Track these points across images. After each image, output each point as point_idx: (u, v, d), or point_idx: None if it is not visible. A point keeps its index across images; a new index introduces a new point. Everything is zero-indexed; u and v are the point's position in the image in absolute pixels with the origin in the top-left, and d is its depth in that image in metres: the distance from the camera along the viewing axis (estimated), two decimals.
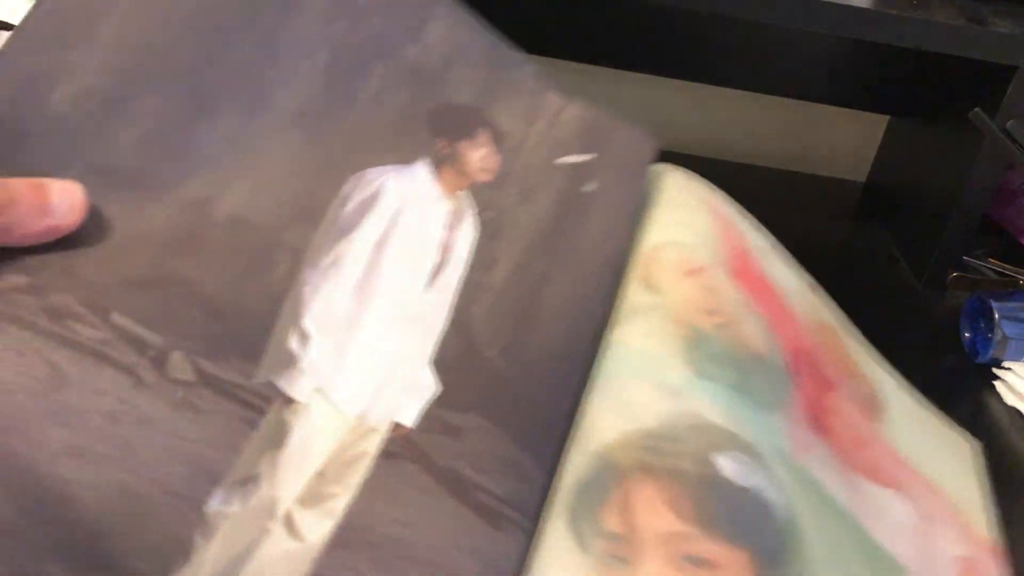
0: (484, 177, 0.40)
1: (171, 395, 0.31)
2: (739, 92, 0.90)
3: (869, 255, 0.83)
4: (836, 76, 0.87)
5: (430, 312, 0.37)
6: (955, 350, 0.70)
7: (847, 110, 0.91)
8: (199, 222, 0.34)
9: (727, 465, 0.35)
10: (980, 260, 0.78)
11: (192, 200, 0.34)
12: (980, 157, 0.68)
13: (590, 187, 0.42)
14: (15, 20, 0.84)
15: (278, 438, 0.32)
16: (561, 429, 0.36)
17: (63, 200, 0.31)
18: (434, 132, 0.40)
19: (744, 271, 0.44)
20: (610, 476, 0.34)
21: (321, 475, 0.32)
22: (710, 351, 0.39)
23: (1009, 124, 0.60)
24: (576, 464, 0.35)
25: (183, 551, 0.29)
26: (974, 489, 0.48)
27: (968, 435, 0.53)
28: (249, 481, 0.31)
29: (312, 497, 0.32)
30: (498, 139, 0.41)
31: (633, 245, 0.42)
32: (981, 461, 0.52)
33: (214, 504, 0.30)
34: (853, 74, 0.87)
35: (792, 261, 0.49)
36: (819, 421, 0.41)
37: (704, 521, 0.34)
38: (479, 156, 0.41)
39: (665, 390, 0.37)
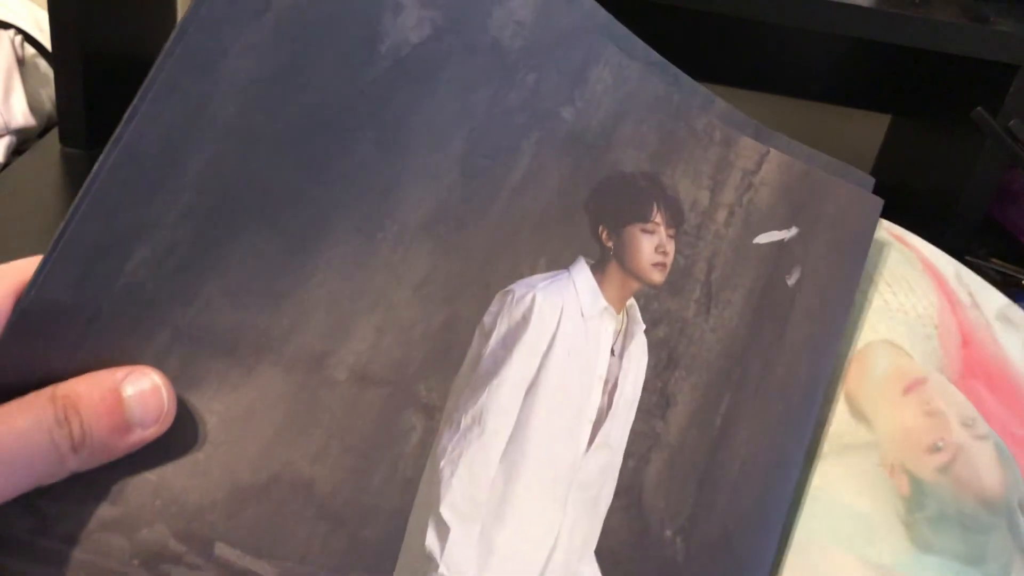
0: (656, 278, 0.32)
1: None
2: (741, 91, 0.87)
3: None
4: (838, 75, 0.87)
5: (594, 480, 0.30)
6: None
7: (849, 109, 0.90)
8: (314, 388, 0.27)
9: None
10: (982, 260, 0.76)
11: (305, 358, 0.27)
12: (982, 156, 0.67)
13: (793, 277, 0.33)
14: (15, 20, 0.74)
15: None
16: None
17: (144, 410, 0.25)
18: (594, 218, 0.31)
19: (973, 363, 0.35)
20: None
21: None
22: (932, 511, 0.31)
23: (1011, 123, 0.59)
24: None
25: None
26: None
27: None
28: None
29: None
30: (676, 219, 0.32)
31: (847, 344, 0.34)
32: None
33: None
34: (855, 73, 0.87)
35: (1020, 315, 0.39)
36: None
37: None
38: (652, 247, 0.32)
39: (879, 571, 0.30)
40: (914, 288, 0.35)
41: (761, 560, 0.30)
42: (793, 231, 0.33)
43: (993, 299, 0.38)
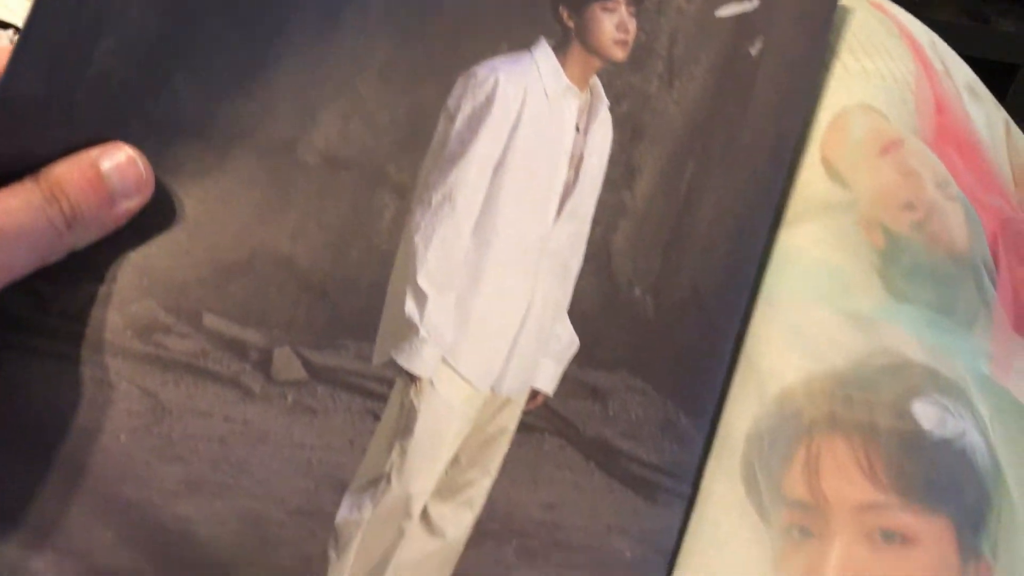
0: (619, 55, 0.32)
1: (282, 401, 0.28)
2: None
3: None
4: None
5: (563, 249, 0.31)
6: None
7: None
8: (287, 171, 0.29)
9: (927, 414, 0.30)
10: None
11: (276, 143, 0.29)
12: None
13: (756, 47, 0.33)
14: (15, 20, 0.75)
15: (405, 426, 0.29)
16: (722, 376, 0.31)
17: (124, 181, 0.27)
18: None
19: (946, 129, 0.35)
20: (793, 430, 0.30)
21: (456, 462, 0.29)
22: (907, 263, 0.32)
23: None
24: (751, 412, 0.30)
25: (317, 571, 0.27)
26: None
27: None
28: (379, 480, 0.28)
29: (449, 488, 0.29)
30: None
31: (812, 109, 0.34)
32: None
33: (343, 513, 0.28)
34: None
35: (987, 95, 0.39)
36: None
37: (902, 488, 0.29)
38: (613, 25, 0.32)
39: (856, 320, 0.31)
40: (892, 55, 0.35)
41: (731, 315, 0.31)
42: (755, 3, 0.33)
43: (963, 71, 0.37)
